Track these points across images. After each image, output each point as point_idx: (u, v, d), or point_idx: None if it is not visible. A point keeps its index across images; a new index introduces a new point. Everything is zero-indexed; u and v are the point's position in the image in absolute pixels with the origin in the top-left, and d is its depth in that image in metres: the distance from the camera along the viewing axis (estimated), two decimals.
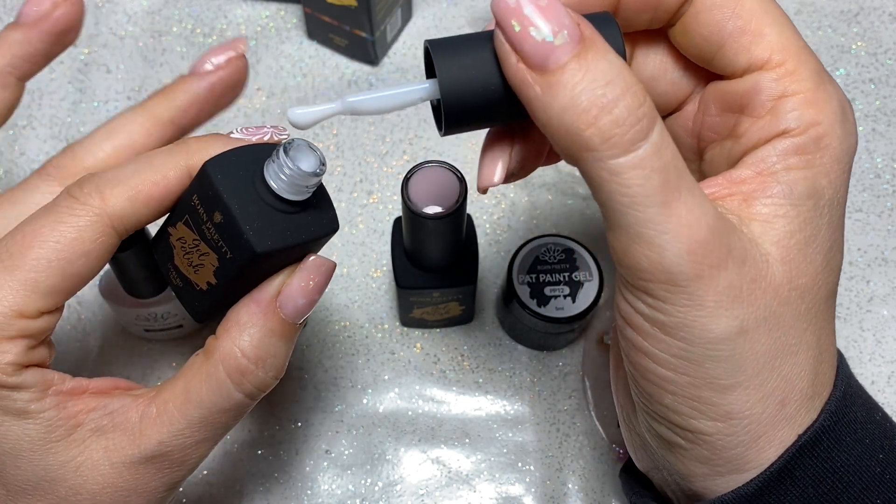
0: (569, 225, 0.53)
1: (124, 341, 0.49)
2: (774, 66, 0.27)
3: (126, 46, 0.58)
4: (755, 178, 0.27)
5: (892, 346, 0.50)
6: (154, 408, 0.29)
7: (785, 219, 0.26)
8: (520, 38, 0.24)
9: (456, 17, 0.59)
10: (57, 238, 0.27)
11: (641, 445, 0.31)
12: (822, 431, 0.27)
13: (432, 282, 0.44)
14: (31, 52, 0.33)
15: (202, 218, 0.28)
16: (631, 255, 0.25)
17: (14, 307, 0.27)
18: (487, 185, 0.30)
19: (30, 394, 0.28)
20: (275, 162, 0.27)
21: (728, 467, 0.27)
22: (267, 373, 0.30)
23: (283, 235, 0.27)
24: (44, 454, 0.28)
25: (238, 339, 0.29)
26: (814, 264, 0.27)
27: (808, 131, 0.27)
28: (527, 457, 0.47)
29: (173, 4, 0.59)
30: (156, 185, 0.28)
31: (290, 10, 0.59)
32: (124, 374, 0.49)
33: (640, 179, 0.24)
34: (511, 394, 0.49)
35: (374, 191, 0.54)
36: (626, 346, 0.28)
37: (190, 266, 0.29)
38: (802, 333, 0.27)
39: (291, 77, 0.57)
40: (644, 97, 0.24)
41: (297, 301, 0.29)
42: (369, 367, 0.49)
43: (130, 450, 0.29)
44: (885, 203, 0.54)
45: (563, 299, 0.45)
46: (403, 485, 0.47)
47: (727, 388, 0.26)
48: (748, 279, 0.26)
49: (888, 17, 0.59)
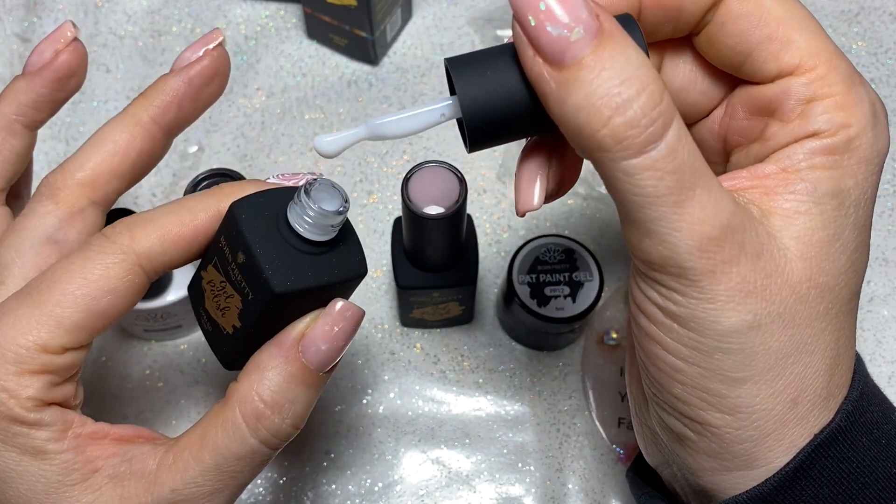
0: (569, 225, 0.53)
1: (124, 341, 0.49)
2: (805, 72, 0.27)
3: (126, 46, 0.58)
4: (779, 174, 0.27)
5: (893, 346, 0.50)
6: (171, 455, 0.28)
7: (807, 216, 0.26)
8: (536, 32, 0.23)
9: (456, 17, 0.59)
10: (84, 275, 0.27)
11: (652, 439, 0.31)
12: (839, 431, 0.27)
13: (432, 282, 0.44)
14: (35, 99, 0.34)
15: (228, 259, 0.28)
16: (644, 249, 0.25)
17: (38, 341, 0.27)
18: (527, 209, 0.29)
19: (49, 432, 0.27)
20: (297, 202, 0.27)
21: (736, 462, 0.27)
22: (284, 419, 0.28)
23: (304, 276, 0.27)
24: (58, 498, 0.27)
25: (257, 382, 0.28)
26: (837, 264, 0.26)
27: (838, 133, 0.26)
28: (527, 457, 0.47)
29: (173, 4, 0.59)
30: (185, 226, 0.28)
31: (290, 9, 0.59)
32: (124, 374, 0.49)
33: (652, 181, 0.24)
34: (511, 394, 0.49)
35: (374, 191, 0.54)
36: (638, 335, 0.28)
37: (218, 309, 0.29)
38: (820, 333, 0.27)
39: (291, 77, 0.57)
40: (661, 95, 0.23)
41: (320, 346, 0.28)
42: (369, 368, 0.49)
43: (144, 498, 0.28)
44: (885, 203, 0.54)
45: (563, 299, 0.45)
46: (403, 485, 0.47)
47: (737, 381, 0.26)
48: (763, 274, 0.25)
49: (888, 17, 0.59)
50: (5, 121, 0.34)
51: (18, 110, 0.33)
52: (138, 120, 0.32)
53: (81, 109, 0.56)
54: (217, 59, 0.33)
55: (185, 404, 0.48)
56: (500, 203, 0.53)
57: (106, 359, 0.49)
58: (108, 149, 0.31)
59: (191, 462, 0.28)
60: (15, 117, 0.34)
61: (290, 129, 0.55)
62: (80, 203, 0.31)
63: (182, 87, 0.32)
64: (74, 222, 0.31)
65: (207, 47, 0.33)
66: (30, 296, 0.28)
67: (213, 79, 0.33)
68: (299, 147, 0.55)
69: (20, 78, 0.34)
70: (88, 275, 0.27)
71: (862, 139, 0.26)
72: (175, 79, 0.32)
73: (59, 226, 0.30)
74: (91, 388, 0.48)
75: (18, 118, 0.34)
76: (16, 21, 0.58)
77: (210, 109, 0.55)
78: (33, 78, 0.33)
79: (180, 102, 0.32)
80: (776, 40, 0.27)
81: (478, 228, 0.49)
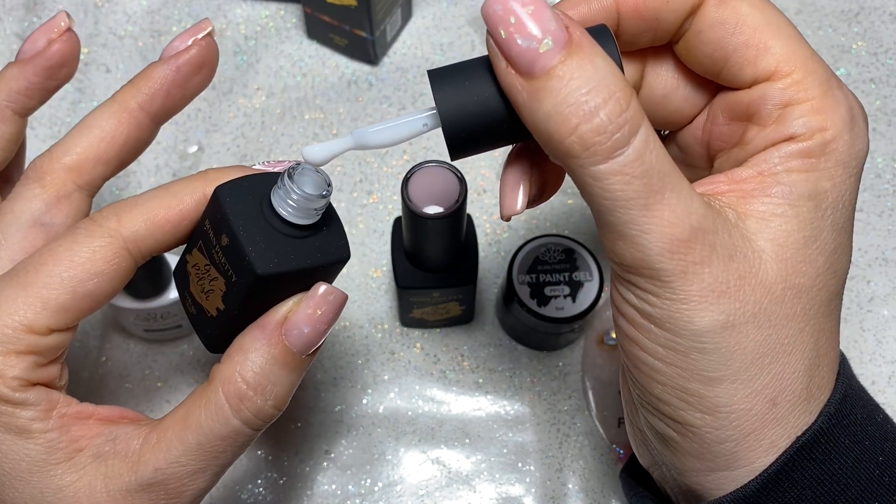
0: (569, 225, 0.53)
1: (124, 341, 0.49)
2: (782, 77, 0.27)
3: (125, 46, 0.58)
4: (755, 178, 0.27)
5: (893, 346, 0.50)
6: (154, 435, 0.29)
7: (782, 218, 0.27)
8: (507, 44, 0.24)
9: (456, 17, 0.59)
10: (71, 257, 0.28)
11: (642, 440, 0.31)
12: (821, 434, 0.27)
13: (432, 282, 0.44)
14: (27, 86, 0.34)
15: (212, 242, 0.28)
16: (617, 252, 0.26)
17: (24, 322, 0.27)
18: (510, 213, 0.30)
19: (33, 412, 0.28)
20: (281, 186, 0.27)
21: (718, 463, 0.28)
22: (266, 401, 0.29)
23: (286, 259, 0.27)
24: (42, 476, 0.28)
25: (240, 363, 0.29)
26: (814, 265, 0.27)
27: (814, 137, 0.27)
28: (527, 457, 0.47)
29: (173, 4, 0.59)
30: (171, 209, 0.29)
31: (290, 9, 0.59)
32: (124, 374, 0.49)
33: (621, 185, 0.24)
34: (511, 394, 0.49)
35: (374, 191, 0.54)
36: (619, 336, 0.28)
37: (202, 292, 0.30)
38: (798, 334, 0.27)
39: (291, 77, 0.57)
40: (628, 102, 0.24)
41: (303, 329, 0.29)
42: (369, 368, 0.49)
43: (128, 477, 0.28)
44: (885, 203, 0.54)
45: (563, 299, 0.45)
46: (403, 485, 0.47)
47: (714, 380, 0.26)
48: (735, 275, 0.26)
49: (888, 17, 0.59)
50: None
51: (10, 97, 0.34)
52: (126, 106, 0.32)
53: (81, 109, 0.56)
54: (206, 49, 0.33)
55: None
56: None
57: (106, 359, 0.49)
58: (96, 134, 0.32)
59: (174, 442, 0.28)
60: (6, 103, 0.34)
61: (290, 129, 0.55)
62: (66, 187, 0.31)
63: (170, 75, 0.32)
64: (61, 206, 0.31)
65: (196, 37, 0.33)
66: (16, 277, 0.28)
67: (202, 68, 0.33)
68: (299, 147, 0.55)
69: (12, 65, 0.34)
70: (75, 257, 0.28)
71: (839, 142, 0.27)
72: (163, 67, 0.33)
73: (46, 209, 0.31)
74: (91, 389, 0.48)
75: (9, 104, 0.34)
76: (16, 21, 0.58)
77: (210, 109, 0.55)
78: (25, 65, 0.34)
79: (168, 90, 0.33)
80: (752, 46, 0.27)
81: (478, 228, 0.49)
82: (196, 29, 0.33)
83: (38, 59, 0.34)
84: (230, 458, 0.30)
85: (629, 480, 0.35)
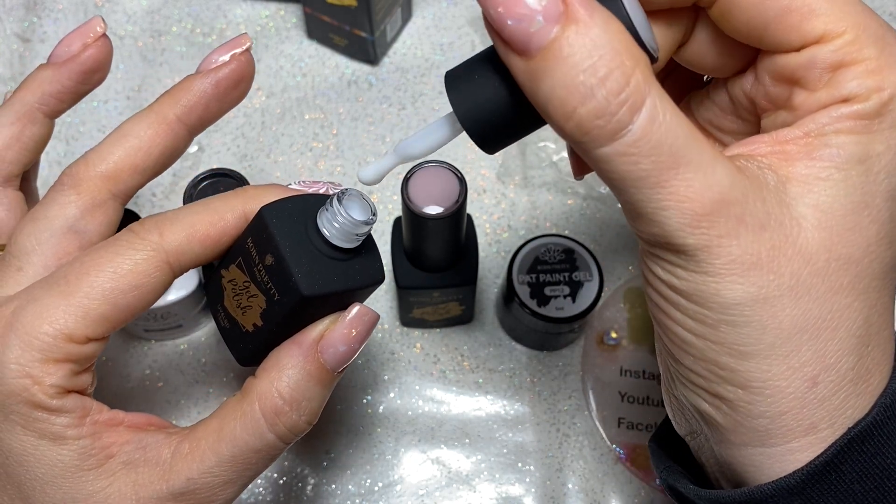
0: (569, 225, 0.53)
1: (124, 341, 0.49)
2: (832, 39, 0.25)
3: (126, 46, 0.58)
4: (801, 139, 0.25)
5: None
6: (186, 445, 0.29)
7: (828, 182, 0.25)
8: (499, 25, 0.23)
9: (456, 17, 0.59)
10: (114, 268, 0.28)
11: (679, 409, 0.30)
12: (875, 426, 0.25)
13: (432, 282, 0.44)
14: (60, 89, 0.34)
15: (254, 260, 0.29)
16: (639, 228, 0.25)
17: (64, 330, 0.27)
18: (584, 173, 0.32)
19: (68, 419, 0.28)
20: (328, 210, 0.28)
21: (752, 437, 0.26)
22: (300, 416, 0.30)
23: (330, 281, 0.28)
24: (74, 482, 0.28)
25: (276, 379, 0.29)
26: (864, 234, 0.25)
27: (871, 98, 0.25)
28: (527, 457, 0.47)
29: (173, 4, 0.59)
30: (213, 225, 0.29)
31: (290, 9, 0.59)
32: (124, 374, 0.49)
33: (627, 166, 0.23)
34: (511, 394, 0.49)
35: (374, 190, 0.54)
36: (650, 306, 0.27)
37: (238, 308, 0.30)
38: (845, 309, 0.25)
39: (291, 77, 0.57)
40: (629, 76, 0.22)
41: (339, 348, 0.29)
42: (369, 367, 0.49)
43: (159, 485, 0.28)
44: None
45: (563, 299, 0.45)
46: (403, 485, 0.47)
47: (746, 354, 0.25)
48: (768, 246, 0.24)
49: (888, 17, 0.59)
50: (27, 108, 0.34)
51: (42, 99, 0.34)
52: (164, 117, 0.32)
53: (81, 109, 0.56)
54: (244, 64, 0.33)
55: (185, 404, 0.48)
56: (500, 203, 0.53)
57: (106, 359, 0.49)
58: (133, 144, 0.32)
59: (208, 453, 0.29)
60: (38, 105, 0.34)
61: (290, 129, 0.55)
62: (101, 195, 0.31)
63: (210, 89, 0.33)
64: (95, 214, 0.31)
65: (235, 51, 0.33)
66: (57, 285, 0.28)
67: (240, 83, 0.33)
68: (299, 147, 0.55)
69: (45, 67, 0.34)
70: (118, 269, 0.28)
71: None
72: (203, 80, 0.33)
73: (81, 216, 0.31)
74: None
75: (41, 107, 0.34)
76: (16, 21, 0.58)
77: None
78: (59, 68, 0.34)
79: (207, 103, 0.33)
80: (795, 10, 0.25)
81: (478, 228, 0.49)
82: (235, 43, 0.33)
83: (72, 63, 0.34)
84: (260, 470, 0.30)
85: (659, 452, 0.33)
